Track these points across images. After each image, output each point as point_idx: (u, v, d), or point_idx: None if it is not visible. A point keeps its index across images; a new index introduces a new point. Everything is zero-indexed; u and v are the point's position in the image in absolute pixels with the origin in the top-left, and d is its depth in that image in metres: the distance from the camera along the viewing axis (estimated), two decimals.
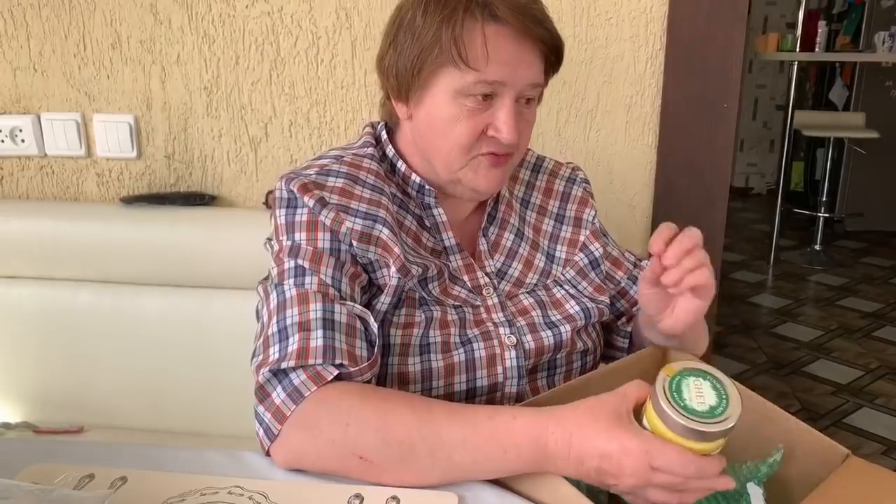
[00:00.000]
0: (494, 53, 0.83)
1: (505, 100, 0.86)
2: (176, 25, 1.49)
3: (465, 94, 0.85)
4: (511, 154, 0.90)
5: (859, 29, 4.59)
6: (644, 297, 0.86)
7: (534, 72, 0.87)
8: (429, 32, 0.84)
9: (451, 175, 0.90)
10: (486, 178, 0.90)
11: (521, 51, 0.85)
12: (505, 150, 0.88)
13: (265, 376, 0.78)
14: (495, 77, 0.84)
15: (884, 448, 2.39)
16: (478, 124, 0.86)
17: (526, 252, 1.00)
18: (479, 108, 0.85)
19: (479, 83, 0.84)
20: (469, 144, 0.87)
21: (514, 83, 0.85)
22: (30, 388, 1.52)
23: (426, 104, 0.88)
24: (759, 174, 5.90)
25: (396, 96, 0.91)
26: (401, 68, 0.87)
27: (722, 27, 1.40)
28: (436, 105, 0.87)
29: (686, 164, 1.47)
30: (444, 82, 0.85)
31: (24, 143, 1.57)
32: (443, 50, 0.83)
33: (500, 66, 0.83)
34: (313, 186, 0.88)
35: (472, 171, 0.89)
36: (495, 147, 0.88)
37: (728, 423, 0.63)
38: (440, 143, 0.88)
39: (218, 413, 1.43)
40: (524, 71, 0.85)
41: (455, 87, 0.85)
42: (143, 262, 1.45)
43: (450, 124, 0.86)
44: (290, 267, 0.85)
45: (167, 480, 0.73)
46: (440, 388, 0.88)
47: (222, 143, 1.55)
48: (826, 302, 3.69)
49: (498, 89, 0.85)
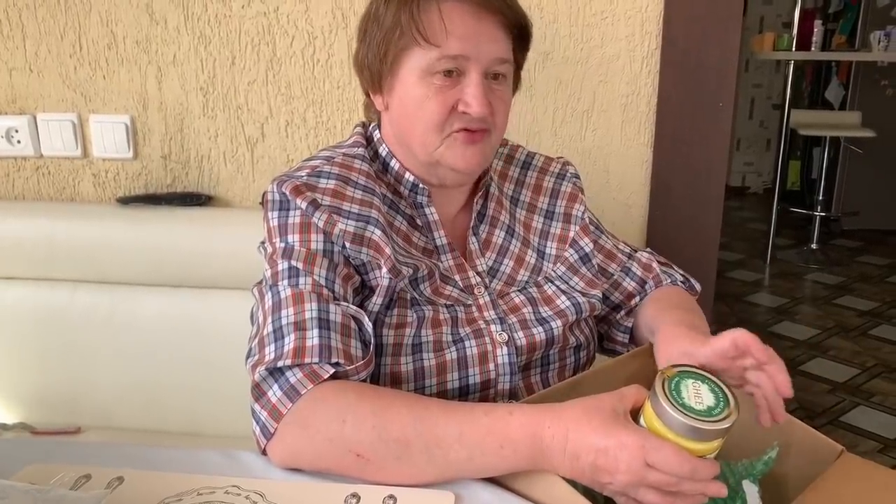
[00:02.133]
0: (452, 27, 0.85)
1: (472, 75, 0.87)
2: (172, 26, 1.49)
3: (432, 73, 0.86)
4: (486, 131, 0.90)
5: (855, 28, 4.60)
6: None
7: (498, 46, 0.88)
8: (389, 17, 0.86)
9: (429, 156, 0.91)
10: (462, 157, 0.90)
11: (480, 24, 0.86)
12: (478, 125, 0.88)
13: (261, 375, 0.78)
14: (457, 51, 0.85)
15: (880, 446, 2.40)
16: (447, 100, 0.87)
17: (517, 249, 1.00)
18: (446, 84, 0.87)
19: (443, 59, 0.85)
20: (441, 121, 0.88)
21: (478, 57, 0.86)
22: (26, 388, 1.52)
23: (397, 90, 0.90)
24: (756, 173, 5.91)
25: (372, 89, 0.93)
26: (371, 59, 0.90)
27: (717, 26, 1.41)
28: (405, 88, 0.88)
29: (682, 164, 1.48)
30: (410, 63, 0.87)
31: (20, 144, 1.56)
32: (403, 31, 0.85)
33: (461, 40, 0.85)
34: (305, 188, 0.88)
35: (449, 150, 0.90)
36: (467, 122, 0.88)
37: (725, 423, 0.64)
38: (414, 125, 0.90)
39: (215, 413, 1.43)
40: (487, 45, 0.86)
41: (421, 67, 0.86)
42: (140, 263, 1.45)
43: (420, 104, 0.87)
44: (283, 268, 0.85)
45: (164, 480, 0.73)
46: (433, 386, 0.88)
47: (219, 143, 1.55)
48: (822, 300, 3.70)
49: (463, 65, 0.86)
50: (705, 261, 1.47)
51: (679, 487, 0.65)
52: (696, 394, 0.66)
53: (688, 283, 1.10)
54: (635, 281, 1.07)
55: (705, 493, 0.66)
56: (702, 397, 0.66)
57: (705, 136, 1.46)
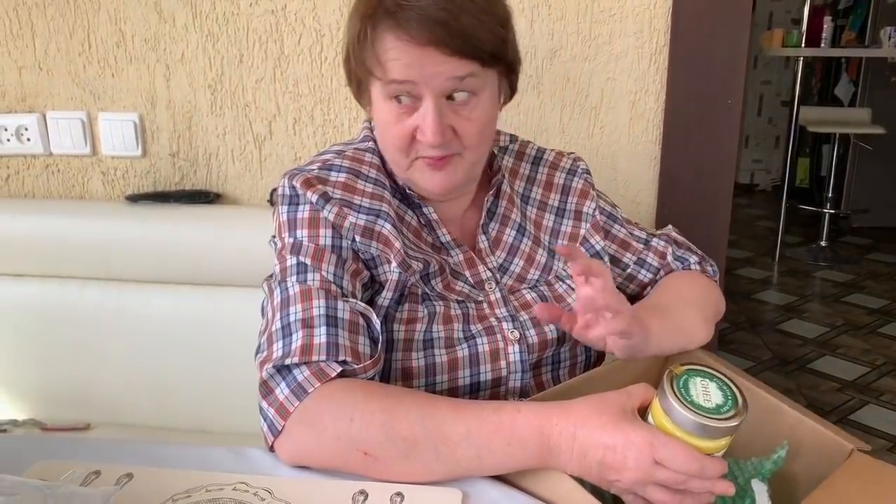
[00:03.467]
0: (394, 55, 0.81)
1: (426, 101, 0.82)
2: (180, 24, 1.49)
3: (388, 98, 0.85)
4: (452, 155, 0.87)
5: (865, 24, 4.57)
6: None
7: (448, 67, 0.81)
8: (352, 50, 0.87)
9: (403, 175, 0.91)
10: (430, 181, 0.88)
11: (424, 51, 0.80)
12: (438, 152, 0.85)
13: (269, 372, 0.78)
14: (402, 76, 0.81)
15: (889, 444, 2.39)
16: (406, 127, 0.85)
17: (527, 248, 1.00)
18: (403, 111, 0.84)
19: (389, 85, 0.83)
20: (403, 147, 0.87)
21: (426, 82, 0.81)
22: (36, 385, 1.53)
23: (373, 109, 0.90)
24: (765, 170, 5.88)
25: (359, 101, 0.94)
26: (349, 78, 0.92)
27: (726, 23, 1.40)
28: (376, 109, 0.89)
29: (690, 161, 1.47)
30: (374, 89, 0.87)
31: (30, 142, 1.57)
32: (358, 63, 0.86)
33: (404, 67, 0.81)
34: (316, 181, 0.88)
35: (418, 173, 0.89)
36: (426, 150, 0.86)
37: (733, 421, 0.64)
38: (385, 146, 0.91)
39: (223, 410, 1.44)
40: (432, 68, 0.80)
41: (380, 94, 0.86)
42: (149, 260, 1.46)
43: (386, 128, 0.88)
44: (292, 264, 0.85)
45: (173, 477, 0.73)
46: (444, 382, 0.88)
47: (227, 140, 1.56)
48: (831, 298, 3.68)
49: (415, 90, 0.82)
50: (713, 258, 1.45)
51: (687, 485, 0.65)
52: (704, 391, 0.66)
53: (701, 265, 1.08)
54: (651, 272, 1.06)
55: (713, 492, 0.66)
56: (710, 395, 0.65)
57: (714, 133, 1.45)
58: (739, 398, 0.66)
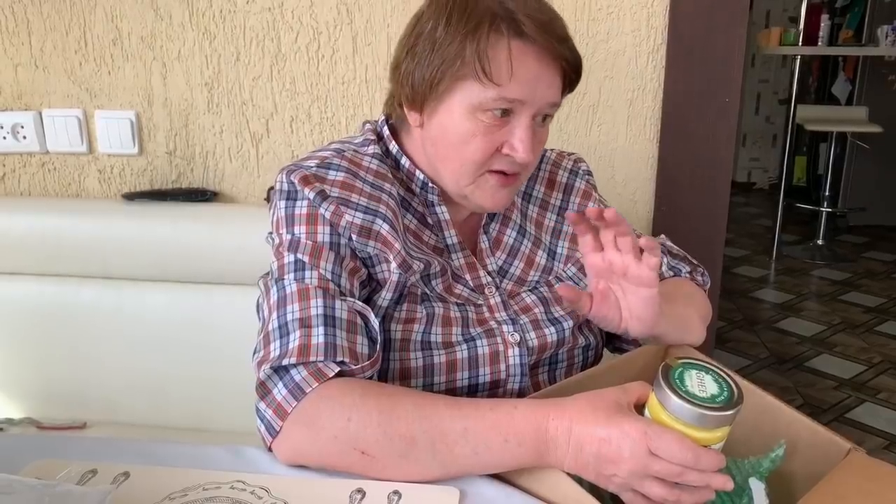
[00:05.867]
0: (519, 70, 0.82)
1: (522, 118, 0.85)
2: (177, 21, 1.49)
3: (483, 110, 0.83)
4: (519, 174, 0.89)
5: (862, 22, 4.57)
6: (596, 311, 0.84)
7: (553, 91, 0.86)
8: (452, 45, 0.82)
9: (458, 189, 0.90)
10: (493, 198, 0.89)
11: (543, 69, 0.84)
12: (517, 168, 0.88)
13: (266, 373, 0.78)
14: (516, 95, 0.83)
15: (886, 443, 2.39)
16: (493, 141, 0.85)
17: (528, 250, 1.00)
18: (495, 124, 0.84)
19: (499, 99, 0.83)
20: (482, 161, 0.86)
21: (533, 102, 0.84)
22: (33, 384, 1.52)
23: (440, 116, 0.86)
24: (762, 169, 5.88)
25: (410, 105, 0.89)
26: (417, 78, 0.85)
27: (723, 21, 1.40)
28: (451, 118, 0.85)
29: (688, 159, 1.47)
30: (463, 96, 0.84)
31: (26, 140, 1.57)
32: (465, 63, 0.82)
33: (522, 84, 0.82)
34: (314, 179, 0.87)
35: (479, 189, 0.89)
36: (507, 165, 0.87)
37: (729, 410, 0.64)
38: (452, 157, 0.87)
39: (220, 409, 1.43)
40: (544, 90, 0.85)
41: (473, 102, 0.83)
42: (145, 259, 1.45)
43: (464, 139, 0.85)
44: (289, 261, 0.85)
45: (169, 476, 0.73)
46: (442, 383, 0.88)
47: (223, 139, 1.55)
48: (828, 297, 3.68)
49: (516, 107, 0.84)
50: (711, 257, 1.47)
51: (684, 478, 0.65)
52: (700, 383, 0.66)
53: (692, 274, 1.08)
54: None
55: (710, 485, 0.66)
56: (706, 386, 0.66)
57: (711, 132, 1.46)
58: (735, 389, 0.66)
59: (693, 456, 0.64)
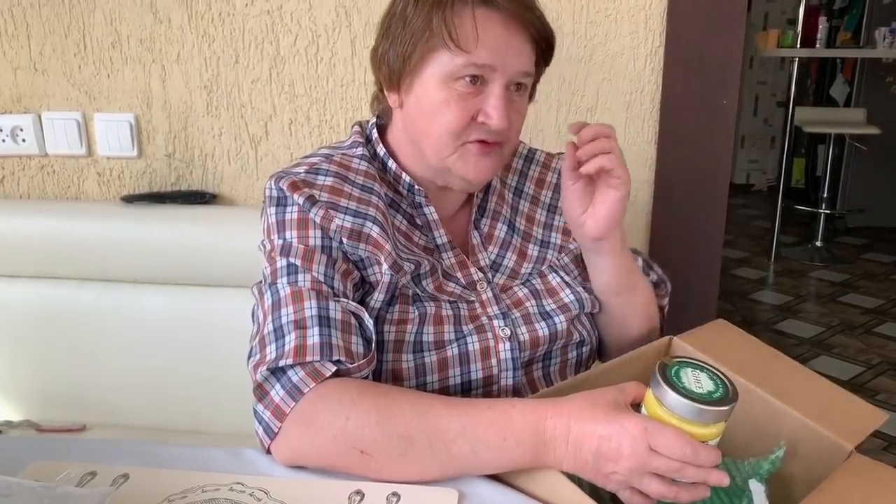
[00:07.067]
0: (485, 36, 0.84)
1: (495, 86, 0.86)
2: (176, 24, 1.49)
3: (455, 78, 0.85)
4: (500, 143, 0.90)
5: (860, 24, 4.58)
6: (566, 193, 0.92)
7: (524, 59, 0.87)
8: (419, 18, 0.85)
9: (440, 162, 0.90)
10: (475, 168, 0.90)
11: (511, 35, 0.85)
12: (494, 137, 0.88)
13: (263, 375, 0.78)
14: (485, 60, 0.84)
15: (885, 444, 2.39)
16: (468, 109, 0.86)
17: (518, 243, 1.01)
18: (469, 92, 0.86)
19: (469, 66, 0.84)
20: (458, 130, 0.87)
21: (504, 69, 0.85)
22: (32, 386, 1.52)
23: (416, 90, 0.88)
24: (760, 171, 5.89)
25: (388, 85, 0.91)
26: (392, 56, 0.88)
27: (721, 23, 1.40)
28: (426, 90, 0.87)
29: (686, 161, 1.47)
30: (435, 66, 0.86)
31: (25, 143, 1.57)
32: (433, 33, 0.84)
33: (490, 50, 0.84)
34: (303, 185, 0.88)
35: (461, 160, 0.89)
36: (484, 134, 0.88)
37: (725, 405, 0.65)
38: (430, 129, 0.89)
39: (219, 410, 1.43)
40: (514, 57, 0.86)
41: (445, 71, 0.85)
42: (145, 261, 1.45)
43: (440, 109, 0.86)
44: (282, 265, 0.85)
45: (169, 477, 0.73)
46: (435, 382, 0.88)
47: (222, 141, 1.55)
48: (827, 298, 3.68)
49: (488, 74, 0.85)
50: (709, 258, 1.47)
51: (682, 474, 0.65)
52: (695, 380, 0.67)
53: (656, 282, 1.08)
54: None
55: (708, 481, 0.67)
56: (701, 383, 0.67)
57: (709, 134, 1.46)
58: (730, 386, 0.68)
59: (692, 451, 0.64)
